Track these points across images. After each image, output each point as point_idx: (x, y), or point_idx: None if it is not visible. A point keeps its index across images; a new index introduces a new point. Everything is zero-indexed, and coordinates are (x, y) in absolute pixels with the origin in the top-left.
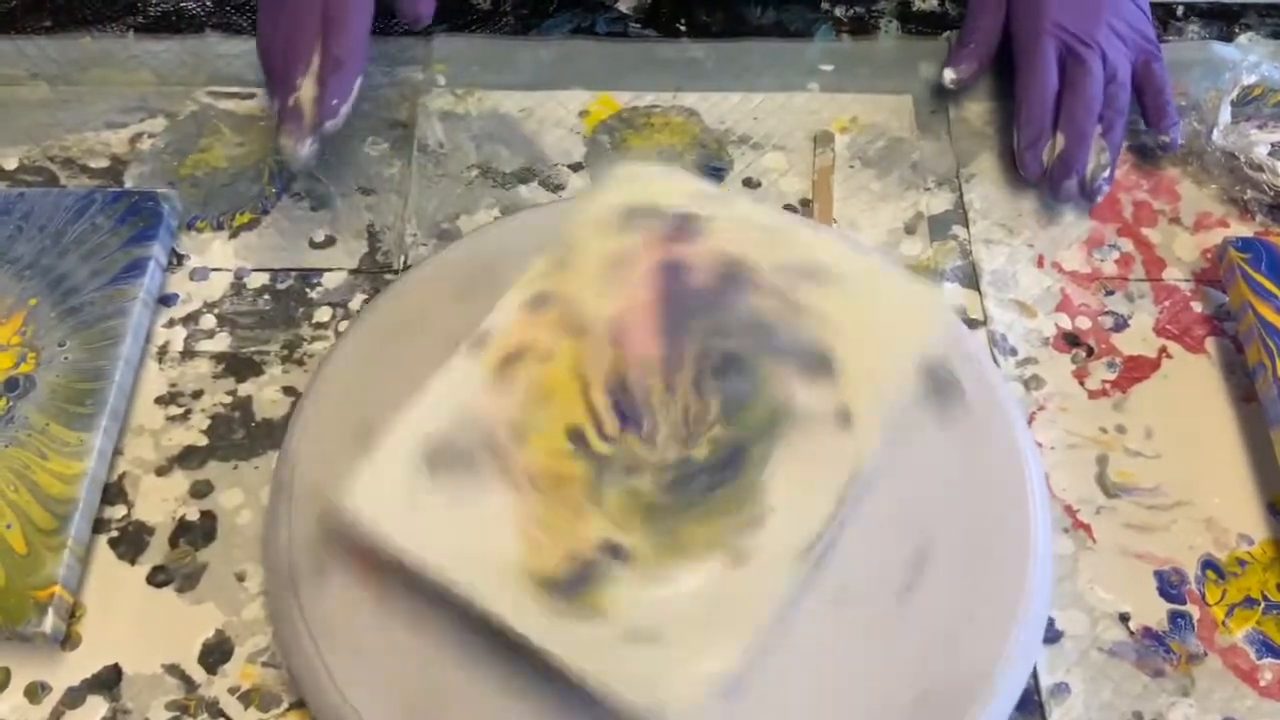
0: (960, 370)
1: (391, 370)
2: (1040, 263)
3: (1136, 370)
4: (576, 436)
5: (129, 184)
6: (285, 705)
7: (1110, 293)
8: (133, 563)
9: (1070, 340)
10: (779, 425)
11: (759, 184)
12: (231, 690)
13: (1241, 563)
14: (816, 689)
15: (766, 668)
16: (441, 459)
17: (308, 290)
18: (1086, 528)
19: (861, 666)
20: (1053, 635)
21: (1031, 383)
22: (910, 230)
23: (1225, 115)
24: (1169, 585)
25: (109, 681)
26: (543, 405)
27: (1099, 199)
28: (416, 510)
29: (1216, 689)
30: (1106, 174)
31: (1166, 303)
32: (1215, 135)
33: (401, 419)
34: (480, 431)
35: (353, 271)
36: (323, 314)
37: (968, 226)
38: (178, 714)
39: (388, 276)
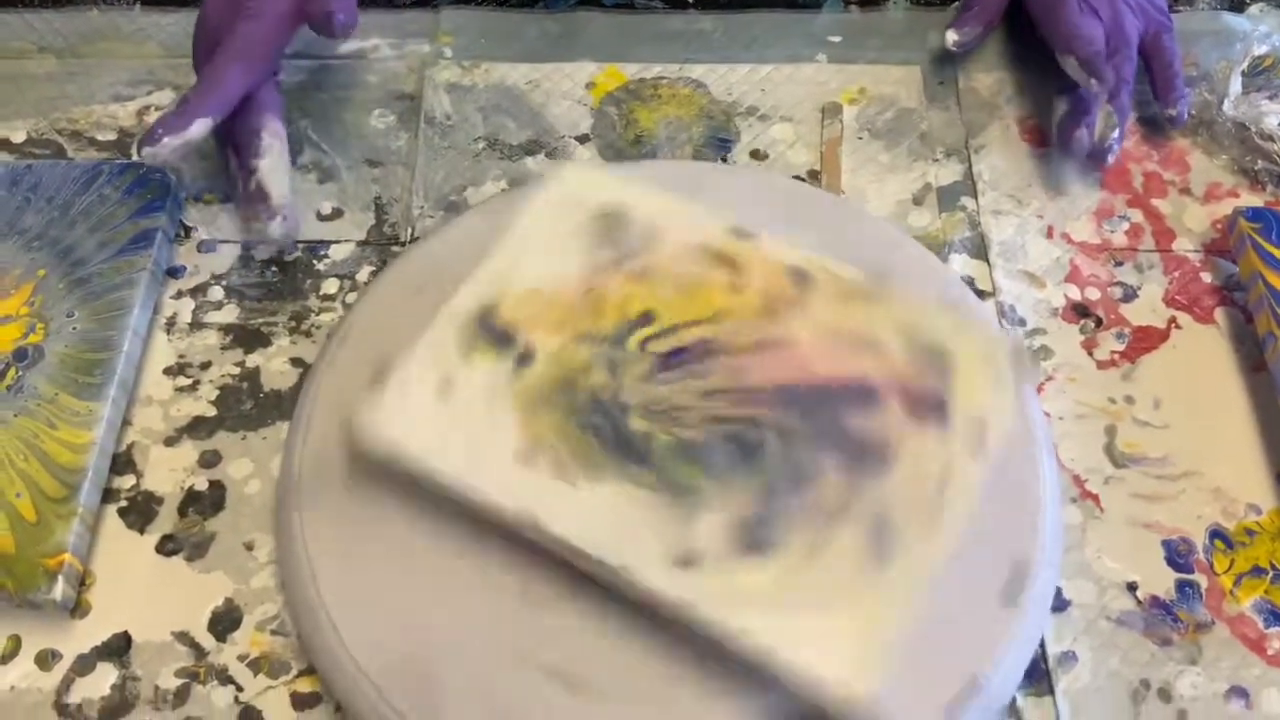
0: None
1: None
2: (1049, 233)
3: (1145, 341)
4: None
5: (136, 156)
6: (294, 672)
7: (1119, 263)
8: (142, 532)
9: (1079, 311)
10: None
11: (766, 156)
12: (241, 658)
13: (1250, 532)
14: None
15: None
16: None
17: (315, 262)
18: (1094, 498)
19: None
20: (1060, 604)
21: (1040, 353)
22: (919, 201)
23: (1236, 86)
24: (1177, 555)
25: (119, 649)
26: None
27: (1110, 160)
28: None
29: (1224, 657)
30: (1116, 134)
31: (1176, 273)
32: (1226, 106)
33: None
34: None
35: (360, 243)
36: (330, 286)
37: (976, 197)
38: (187, 681)
39: (395, 248)
